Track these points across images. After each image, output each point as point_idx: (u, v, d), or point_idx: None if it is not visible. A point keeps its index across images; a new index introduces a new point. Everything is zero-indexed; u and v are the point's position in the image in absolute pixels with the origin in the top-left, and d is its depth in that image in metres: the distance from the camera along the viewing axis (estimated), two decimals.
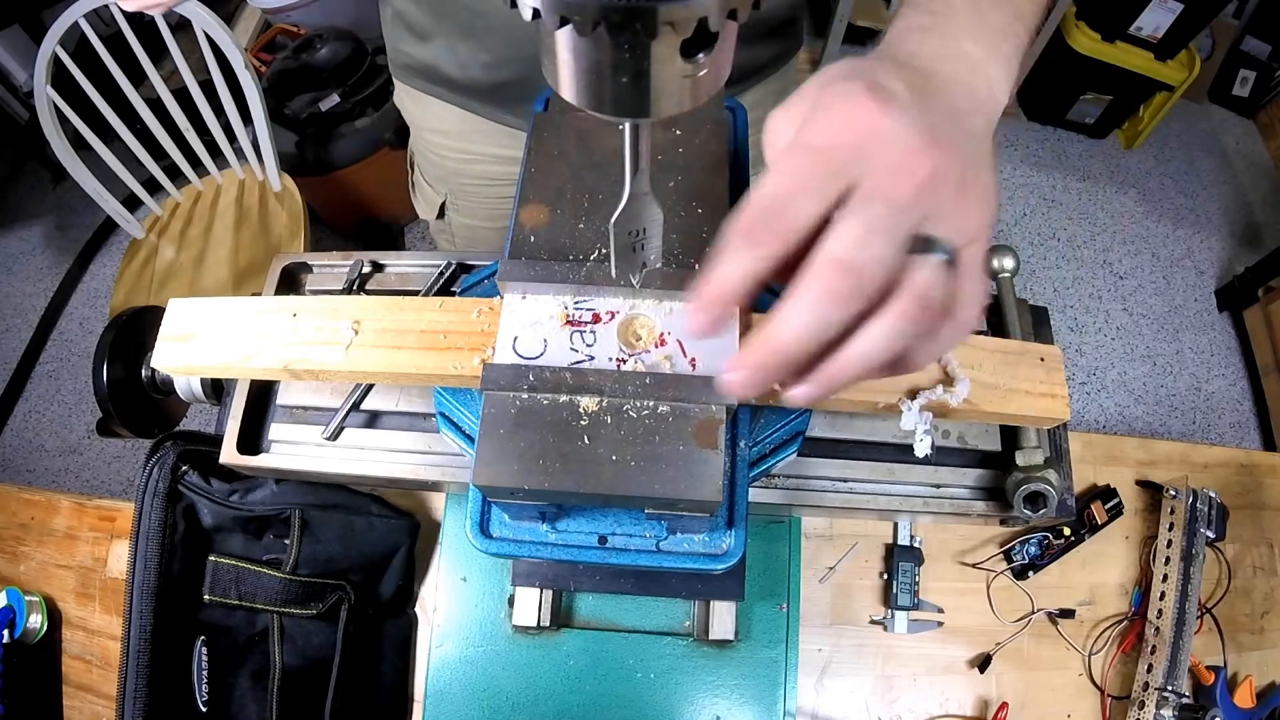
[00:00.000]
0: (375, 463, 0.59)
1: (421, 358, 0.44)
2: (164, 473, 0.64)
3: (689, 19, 0.22)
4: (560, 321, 0.43)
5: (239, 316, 0.47)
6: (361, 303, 0.47)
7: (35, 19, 2.04)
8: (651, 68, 0.24)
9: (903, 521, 0.80)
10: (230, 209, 1.67)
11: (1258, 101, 2.72)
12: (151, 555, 0.63)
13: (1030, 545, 0.80)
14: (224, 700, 0.66)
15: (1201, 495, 0.83)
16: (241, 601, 0.66)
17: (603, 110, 0.25)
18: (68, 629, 0.77)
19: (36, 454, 1.93)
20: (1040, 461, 0.56)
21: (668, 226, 0.48)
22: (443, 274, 0.62)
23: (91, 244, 2.20)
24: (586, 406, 0.40)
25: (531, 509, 0.43)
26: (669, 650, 0.71)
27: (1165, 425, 2.15)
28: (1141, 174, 2.58)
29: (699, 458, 0.39)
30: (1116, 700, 0.79)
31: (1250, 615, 0.86)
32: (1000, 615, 0.79)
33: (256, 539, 0.69)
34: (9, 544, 0.81)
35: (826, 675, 0.77)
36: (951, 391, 0.44)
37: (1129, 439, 0.89)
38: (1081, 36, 2.22)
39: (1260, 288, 2.21)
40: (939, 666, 0.78)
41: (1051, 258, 2.36)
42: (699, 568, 0.44)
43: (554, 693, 0.70)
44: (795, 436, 0.51)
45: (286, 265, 0.66)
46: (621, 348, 0.42)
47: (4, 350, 2.06)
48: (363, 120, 1.88)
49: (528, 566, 0.68)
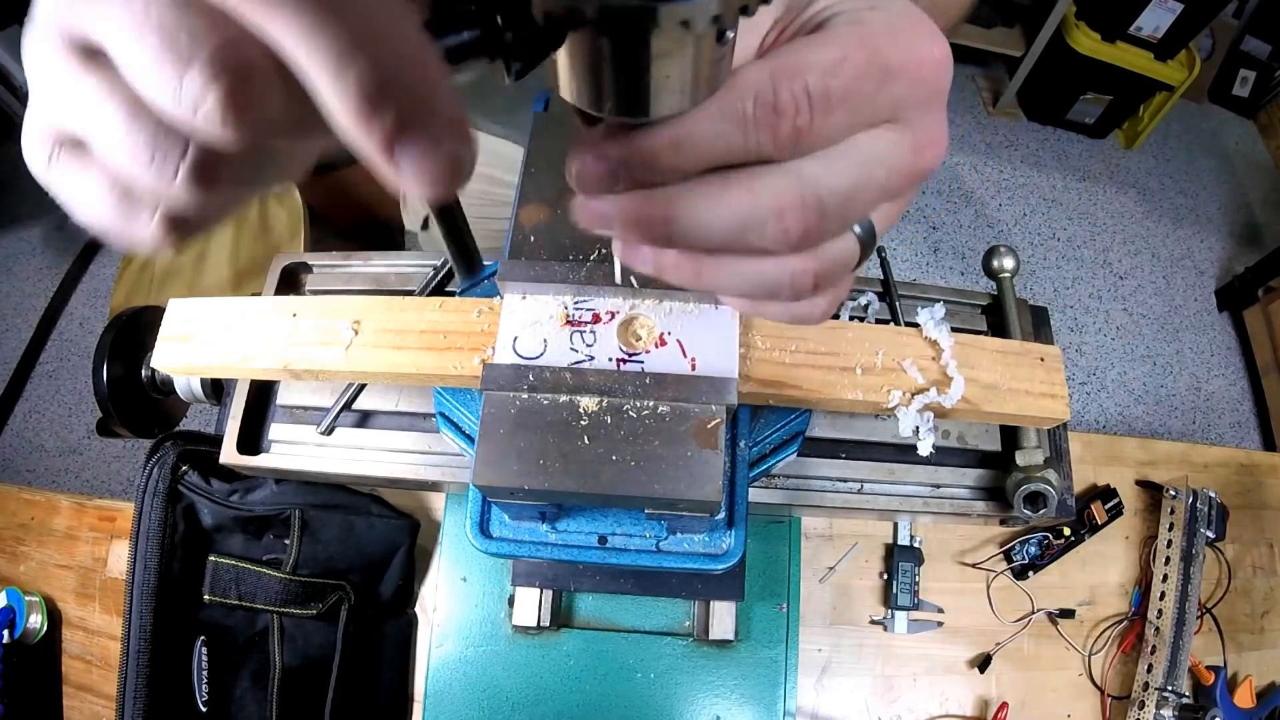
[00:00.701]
0: (375, 463, 0.59)
1: (421, 358, 0.44)
2: (164, 473, 0.64)
3: (685, 19, 0.22)
4: (560, 321, 0.43)
5: (239, 316, 0.47)
6: (361, 303, 0.47)
7: None
8: (651, 67, 0.24)
9: (903, 521, 0.80)
10: None
11: (1258, 101, 2.72)
12: (151, 555, 0.63)
13: (1030, 545, 0.80)
14: (224, 700, 0.66)
15: (1201, 495, 0.83)
16: (241, 601, 0.66)
17: (601, 110, 0.25)
18: (68, 629, 0.77)
19: (36, 454, 1.93)
20: (1040, 461, 0.56)
21: None
22: (438, 272, 0.62)
23: (91, 244, 2.20)
24: (586, 406, 0.40)
25: (531, 509, 0.43)
26: (669, 650, 0.71)
27: (1165, 425, 2.15)
28: (1141, 174, 2.58)
29: (699, 458, 0.39)
30: (1116, 700, 0.79)
31: (1250, 615, 0.86)
32: (1000, 615, 0.79)
33: (256, 539, 0.69)
34: (9, 544, 0.81)
35: (826, 675, 0.77)
36: (946, 394, 0.44)
37: (1129, 439, 0.89)
38: (1081, 36, 2.22)
39: (1260, 288, 2.21)
40: (939, 666, 0.78)
41: (1051, 258, 2.36)
42: (699, 568, 0.44)
43: (554, 693, 0.70)
44: (795, 436, 0.51)
45: (286, 265, 0.65)
46: (621, 348, 0.42)
47: (4, 350, 2.06)
48: None
49: (528, 566, 0.68)
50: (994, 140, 2.53)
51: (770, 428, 0.50)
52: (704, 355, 0.42)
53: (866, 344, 0.45)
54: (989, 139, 2.53)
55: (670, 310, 0.44)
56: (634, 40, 0.23)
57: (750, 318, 0.45)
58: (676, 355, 0.42)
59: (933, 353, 0.46)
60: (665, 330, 0.43)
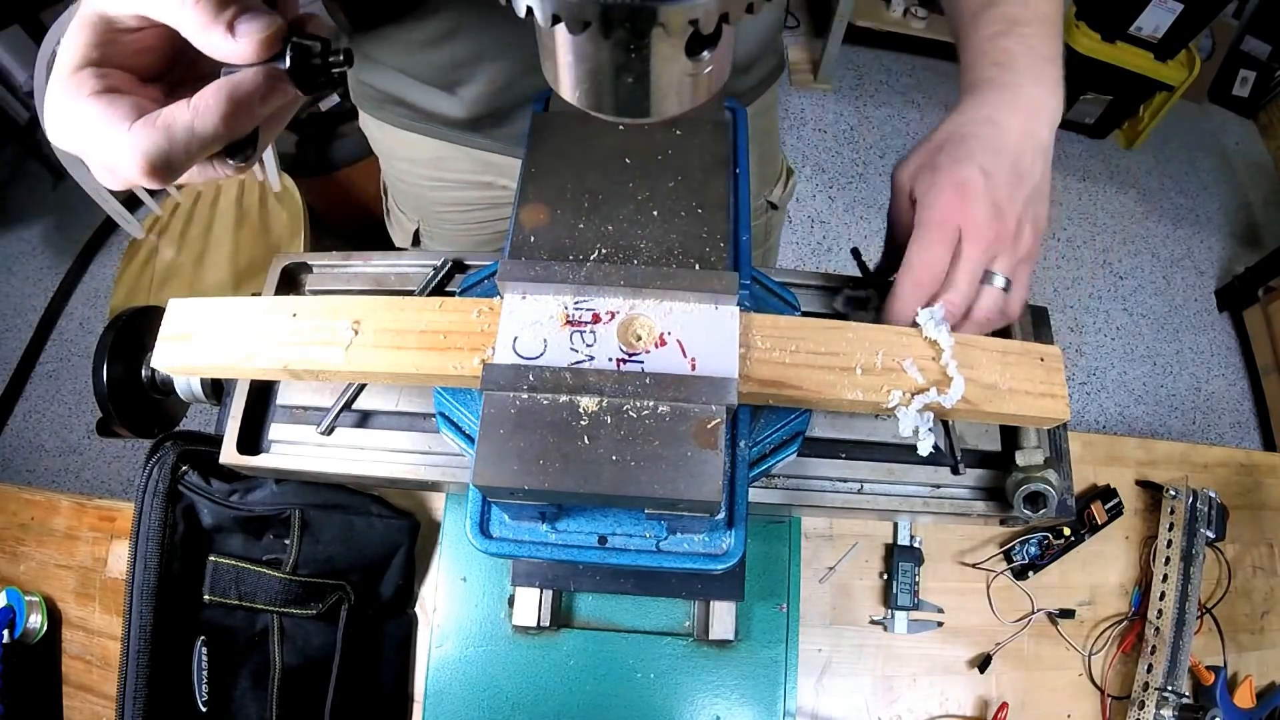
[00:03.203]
0: (375, 463, 0.59)
1: (421, 358, 0.44)
2: (164, 473, 0.64)
3: (686, 19, 0.22)
4: (560, 321, 0.43)
5: (239, 316, 0.47)
6: (361, 303, 0.47)
7: (35, 19, 2.04)
8: (652, 67, 0.24)
9: (903, 521, 0.80)
10: (230, 209, 1.67)
11: (1258, 101, 2.72)
12: (151, 555, 0.63)
13: (1030, 545, 0.80)
14: (224, 700, 0.66)
15: (1201, 495, 0.83)
16: (241, 601, 0.66)
17: (603, 111, 0.25)
18: (68, 629, 0.77)
19: (36, 454, 1.93)
20: (1040, 461, 0.56)
21: (668, 226, 0.48)
22: (438, 272, 0.62)
23: (91, 244, 2.20)
24: (586, 406, 0.40)
25: (531, 509, 0.43)
26: (669, 650, 0.71)
27: (1165, 425, 2.15)
28: (1141, 174, 2.58)
29: (699, 458, 0.39)
30: (1116, 700, 0.79)
31: (1250, 615, 0.86)
32: (1000, 615, 0.79)
33: (256, 539, 0.69)
34: (9, 544, 0.81)
35: (826, 675, 0.77)
36: (946, 393, 0.44)
37: (1129, 439, 0.89)
38: (1081, 36, 2.22)
39: (1260, 288, 2.21)
40: (939, 666, 0.78)
41: (1051, 258, 2.36)
42: (699, 568, 0.44)
43: (554, 693, 0.70)
44: (795, 436, 0.51)
45: (286, 265, 0.65)
46: (621, 348, 0.42)
47: (4, 350, 2.06)
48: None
49: (528, 566, 0.68)
50: None
51: (770, 428, 0.50)
52: (704, 355, 0.42)
53: (866, 344, 0.45)
54: None
55: (670, 310, 0.44)
56: (635, 41, 0.23)
57: (749, 318, 0.45)
58: (676, 355, 0.42)
59: (933, 353, 0.46)
60: (665, 330, 0.43)
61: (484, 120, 0.74)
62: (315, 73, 0.36)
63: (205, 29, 0.34)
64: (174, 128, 0.34)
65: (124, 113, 0.35)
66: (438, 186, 0.88)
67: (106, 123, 0.34)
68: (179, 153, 0.35)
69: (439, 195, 0.89)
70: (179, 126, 0.34)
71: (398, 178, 0.91)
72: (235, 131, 0.36)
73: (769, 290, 0.53)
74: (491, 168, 0.82)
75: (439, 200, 0.90)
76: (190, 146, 0.35)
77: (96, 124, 0.35)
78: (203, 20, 0.33)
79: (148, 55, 0.38)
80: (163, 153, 0.34)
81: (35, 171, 2.28)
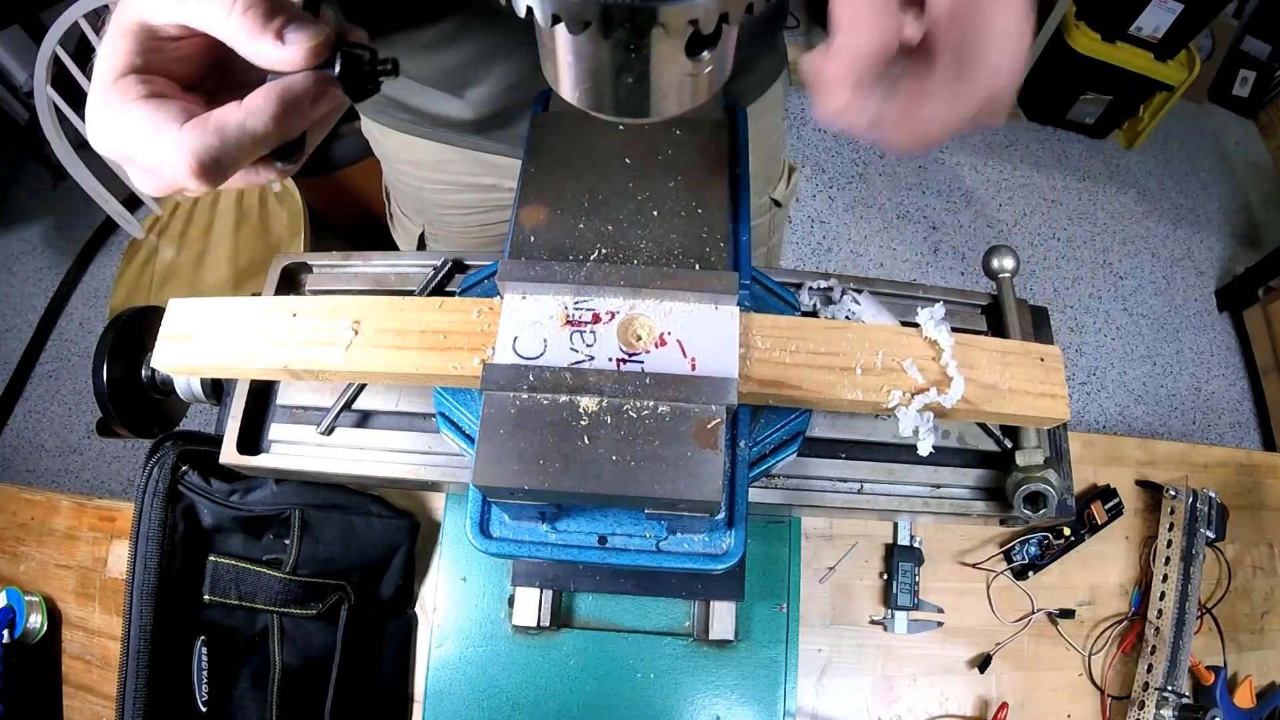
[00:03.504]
0: (375, 463, 0.59)
1: (421, 358, 0.44)
2: (164, 473, 0.64)
3: (686, 19, 0.22)
4: (560, 321, 0.43)
5: (239, 316, 0.47)
6: (361, 303, 0.47)
7: (35, 19, 2.04)
8: (652, 67, 0.24)
9: (903, 521, 0.80)
10: (230, 209, 1.67)
11: (1258, 101, 2.72)
12: (151, 555, 0.63)
13: (1030, 545, 0.80)
14: (224, 700, 0.66)
15: (1201, 495, 0.83)
16: (241, 601, 0.66)
17: (603, 111, 0.25)
18: (68, 629, 0.77)
19: (36, 454, 1.93)
20: (1040, 461, 0.56)
21: (668, 226, 0.48)
22: (438, 272, 0.62)
23: (91, 244, 2.20)
24: (586, 406, 0.40)
25: (531, 509, 0.43)
26: (669, 650, 0.71)
27: (1165, 425, 2.15)
28: (1141, 174, 2.58)
29: (699, 458, 0.39)
30: (1116, 700, 0.79)
31: (1250, 615, 0.86)
32: (1000, 615, 0.79)
33: (256, 539, 0.69)
34: (9, 544, 0.81)
35: (826, 675, 0.77)
36: (946, 394, 0.44)
37: (1129, 439, 0.89)
38: (1081, 36, 2.22)
39: (1260, 288, 2.21)
40: (939, 666, 0.78)
41: (1051, 258, 2.36)
42: (699, 568, 0.44)
43: (554, 693, 0.70)
44: (795, 436, 0.51)
45: (286, 265, 0.65)
46: (621, 348, 0.42)
47: (4, 350, 2.06)
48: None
49: (528, 566, 0.68)
50: (994, 140, 2.53)
51: (770, 428, 0.50)
52: (704, 355, 0.42)
53: (866, 344, 0.45)
54: (989, 139, 2.53)
55: (670, 310, 0.44)
56: (635, 41, 0.23)
57: (749, 318, 0.45)
58: (676, 355, 0.42)
59: (933, 353, 0.46)
60: (665, 330, 0.43)
61: (488, 122, 0.74)
62: (365, 80, 0.37)
63: (253, 37, 0.34)
64: (226, 128, 0.35)
65: (173, 115, 0.35)
66: (441, 189, 0.87)
67: (155, 125, 0.35)
68: (230, 153, 0.35)
69: (442, 198, 0.89)
70: (231, 126, 0.35)
71: (401, 182, 0.91)
72: (286, 134, 0.36)
73: (769, 290, 0.53)
74: (496, 170, 0.82)
75: (442, 203, 0.90)
76: (242, 146, 0.35)
77: (145, 127, 0.35)
78: (250, 29, 0.34)
79: (187, 64, 0.39)
80: (214, 153, 0.35)
81: (35, 171, 2.28)
